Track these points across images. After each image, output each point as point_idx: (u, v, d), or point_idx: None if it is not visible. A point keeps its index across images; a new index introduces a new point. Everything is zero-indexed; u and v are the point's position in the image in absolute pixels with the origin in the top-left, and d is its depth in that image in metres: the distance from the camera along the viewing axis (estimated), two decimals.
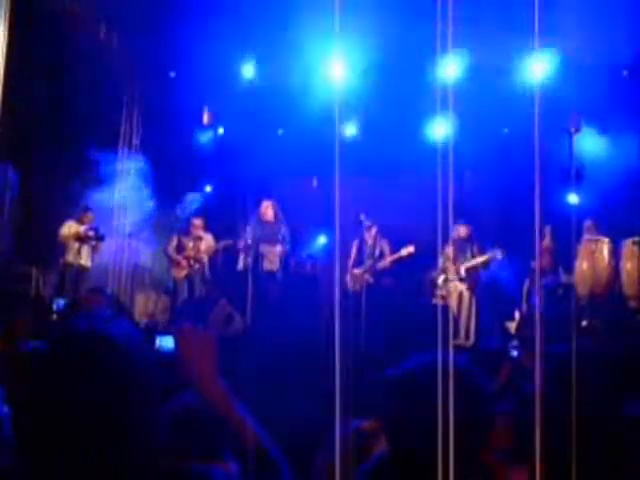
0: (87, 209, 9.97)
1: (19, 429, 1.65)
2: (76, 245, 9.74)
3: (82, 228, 9.78)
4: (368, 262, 9.64)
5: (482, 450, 1.73)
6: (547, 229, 9.38)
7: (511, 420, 1.94)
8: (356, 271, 9.61)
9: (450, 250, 9.26)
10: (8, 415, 2.13)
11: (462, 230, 9.47)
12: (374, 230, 9.73)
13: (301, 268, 10.85)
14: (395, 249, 9.74)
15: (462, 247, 9.48)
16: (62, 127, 9.55)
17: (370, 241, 9.73)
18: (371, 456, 2.21)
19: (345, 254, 9.62)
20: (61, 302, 2.50)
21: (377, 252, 9.74)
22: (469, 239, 9.59)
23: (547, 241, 9.50)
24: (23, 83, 8.42)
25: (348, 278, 9.56)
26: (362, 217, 9.57)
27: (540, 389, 1.65)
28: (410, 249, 9.51)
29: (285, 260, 9.85)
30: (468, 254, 9.46)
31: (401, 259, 9.65)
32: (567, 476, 1.68)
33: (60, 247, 9.84)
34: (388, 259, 9.69)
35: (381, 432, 2.43)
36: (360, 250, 9.71)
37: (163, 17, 9.76)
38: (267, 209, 9.81)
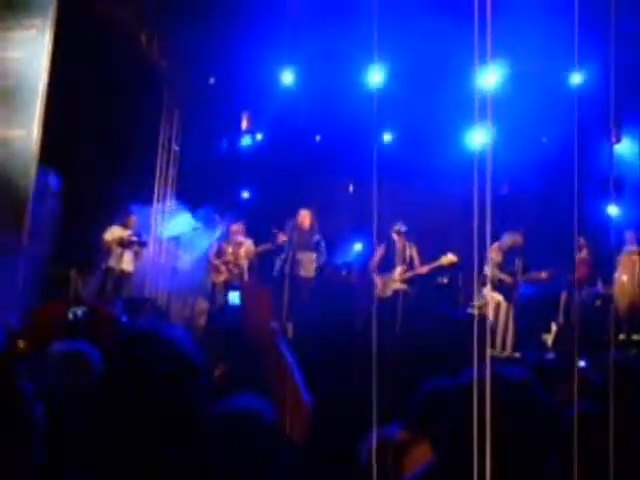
0: (130, 213, 10.07)
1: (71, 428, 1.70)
2: (119, 250, 9.82)
3: (126, 234, 9.86)
4: (401, 268, 9.54)
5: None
6: (581, 241, 9.26)
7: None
8: (387, 278, 9.52)
9: (497, 258, 9.09)
10: (42, 414, 2.18)
11: (512, 239, 9.27)
12: (403, 235, 9.67)
13: (336, 275, 10.87)
14: (427, 256, 9.65)
15: (509, 257, 9.25)
16: (103, 132, 9.68)
17: (399, 245, 9.64)
18: (407, 469, 2.19)
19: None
20: (78, 311, 2.55)
21: (407, 256, 9.64)
22: (517, 250, 9.30)
23: (584, 253, 9.39)
24: (66, 89, 8.55)
25: (378, 284, 9.49)
26: (399, 225, 9.52)
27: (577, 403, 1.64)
28: (452, 258, 9.30)
29: (321, 267, 9.86)
30: (517, 264, 9.19)
31: (441, 268, 9.52)
32: None
33: (101, 251, 9.94)
34: (425, 269, 9.56)
35: (416, 444, 2.42)
36: (386, 255, 9.62)
37: (203, 24, 9.85)
38: (304, 218, 9.81)
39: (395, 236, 9.64)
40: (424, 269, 9.60)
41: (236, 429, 1.95)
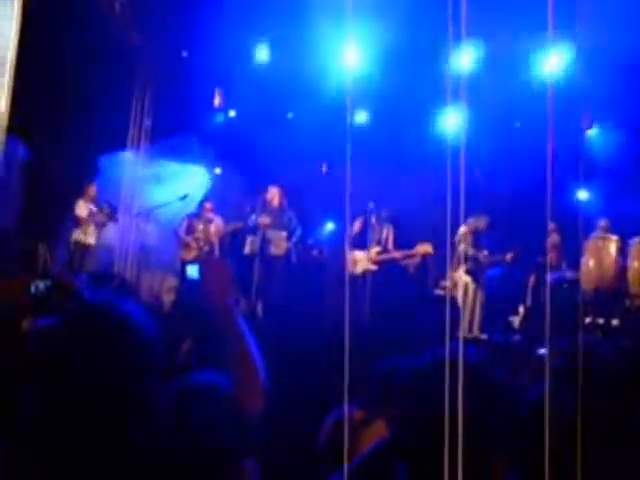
0: (89, 182, 9.98)
1: (25, 404, 1.69)
2: (87, 224, 9.74)
3: (93, 209, 9.79)
4: (374, 249, 9.51)
5: (494, 451, 1.72)
6: (552, 226, 9.35)
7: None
8: (360, 255, 9.47)
9: (468, 240, 9.13)
10: None
11: (480, 222, 9.28)
12: (380, 214, 9.62)
13: (308, 253, 10.85)
14: (398, 236, 9.64)
15: (477, 240, 9.30)
16: (73, 105, 9.54)
17: (376, 225, 9.60)
18: (363, 447, 2.21)
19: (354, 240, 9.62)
20: (41, 285, 2.52)
21: (383, 237, 9.60)
22: (483, 233, 9.37)
23: (554, 237, 9.48)
24: (35, 59, 8.41)
25: (350, 261, 9.46)
26: (370, 205, 9.47)
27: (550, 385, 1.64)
28: (428, 248, 9.17)
29: (291, 245, 9.83)
30: (483, 249, 9.26)
31: (415, 256, 9.48)
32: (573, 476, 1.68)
33: (69, 225, 9.83)
34: (399, 255, 9.54)
35: (370, 423, 2.44)
36: (363, 232, 9.55)
37: None
38: (273, 196, 9.76)
39: (374, 218, 9.59)
40: (398, 255, 9.57)
41: (190, 403, 1.96)
